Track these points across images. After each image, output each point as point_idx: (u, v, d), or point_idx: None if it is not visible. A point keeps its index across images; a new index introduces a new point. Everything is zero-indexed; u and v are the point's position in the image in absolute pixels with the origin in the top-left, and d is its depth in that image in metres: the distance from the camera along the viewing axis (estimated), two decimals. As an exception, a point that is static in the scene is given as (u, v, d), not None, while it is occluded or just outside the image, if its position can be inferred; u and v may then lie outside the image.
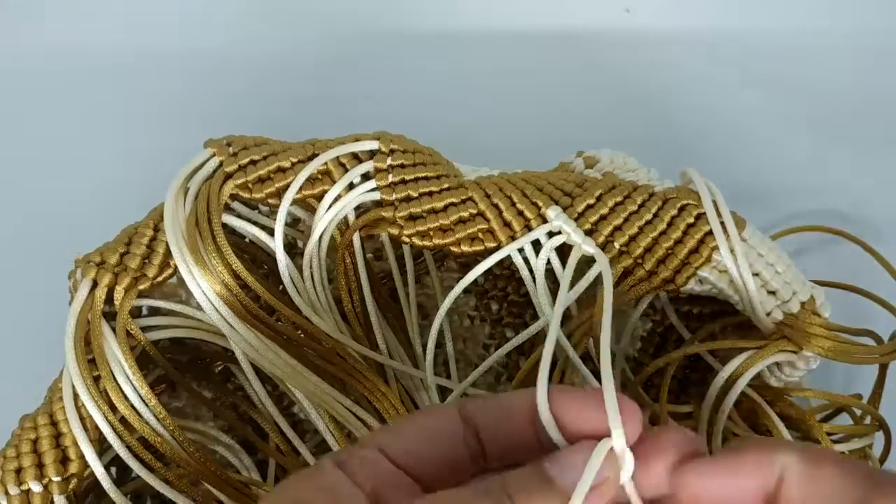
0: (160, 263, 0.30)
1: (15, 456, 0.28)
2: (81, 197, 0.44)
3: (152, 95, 0.48)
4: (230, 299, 0.30)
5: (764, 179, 0.45)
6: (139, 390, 0.29)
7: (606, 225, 0.30)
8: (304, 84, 0.48)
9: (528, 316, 0.39)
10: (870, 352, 0.31)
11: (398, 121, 0.35)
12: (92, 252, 0.31)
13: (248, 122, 0.35)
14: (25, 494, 0.28)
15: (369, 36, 0.49)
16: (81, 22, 0.49)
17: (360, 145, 0.32)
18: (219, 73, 0.48)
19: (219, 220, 0.31)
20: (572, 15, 0.49)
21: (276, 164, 0.31)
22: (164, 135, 0.43)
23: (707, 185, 0.31)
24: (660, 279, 0.30)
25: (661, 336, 0.38)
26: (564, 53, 0.48)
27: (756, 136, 0.47)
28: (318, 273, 0.32)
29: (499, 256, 0.30)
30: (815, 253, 0.42)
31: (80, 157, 0.46)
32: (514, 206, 0.31)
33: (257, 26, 0.49)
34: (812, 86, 0.48)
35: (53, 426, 0.29)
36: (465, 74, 0.48)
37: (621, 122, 0.46)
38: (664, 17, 0.49)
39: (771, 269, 0.30)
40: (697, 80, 0.48)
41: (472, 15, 0.49)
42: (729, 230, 0.30)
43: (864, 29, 0.48)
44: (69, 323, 0.29)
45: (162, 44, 0.48)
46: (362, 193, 0.31)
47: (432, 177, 0.32)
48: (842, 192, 0.45)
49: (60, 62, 0.48)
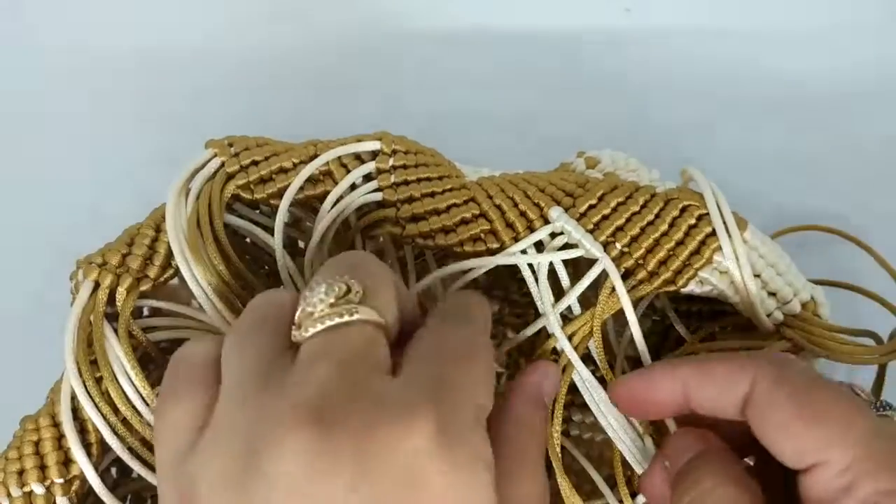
0: (162, 264, 0.30)
1: (17, 458, 0.28)
2: (83, 198, 0.44)
3: (152, 95, 0.48)
4: (231, 300, 0.30)
5: (764, 179, 0.46)
6: (141, 391, 0.29)
7: (609, 225, 0.30)
8: (306, 84, 0.48)
9: (530, 316, 0.39)
10: (870, 352, 0.31)
11: (400, 121, 0.35)
12: (94, 253, 0.31)
13: (249, 123, 0.35)
14: (28, 496, 0.28)
15: (371, 37, 0.49)
16: (82, 22, 0.49)
17: (362, 146, 0.32)
18: (219, 74, 0.48)
19: (220, 220, 0.31)
20: (572, 15, 0.49)
21: (278, 165, 0.31)
22: (165, 135, 0.43)
23: (710, 186, 0.31)
24: (661, 280, 0.30)
25: (661, 336, 0.38)
26: (565, 53, 0.48)
27: (756, 136, 0.47)
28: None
29: (504, 260, 0.30)
30: (815, 253, 0.42)
31: (81, 157, 0.46)
32: (516, 207, 0.31)
33: (258, 26, 0.49)
34: (812, 85, 0.48)
35: (56, 427, 0.29)
36: (466, 74, 0.48)
37: (622, 122, 0.46)
38: (664, 17, 0.49)
39: (772, 271, 0.30)
40: (697, 80, 0.48)
41: (472, 15, 0.49)
42: (731, 232, 0.30)
43: (864, 28, 0.49)
44: (70, 324, 0.29)
45: (162, 44, 0.48)
46: (364, 194, 0.31)
47: (434, 177, 0.32)
48: (841, 192, 0.45)
49: (60, 62, 0.48)
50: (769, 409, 0.24)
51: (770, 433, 0.24)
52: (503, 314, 0.40)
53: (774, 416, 0.23)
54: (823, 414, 0.23)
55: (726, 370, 0.25)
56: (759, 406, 0.24)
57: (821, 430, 0.23)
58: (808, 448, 0.23)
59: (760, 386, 0.24)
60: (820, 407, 0.23)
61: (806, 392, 0.23)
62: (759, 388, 0.24)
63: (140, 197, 0.32)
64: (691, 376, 0.26)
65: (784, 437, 0.23)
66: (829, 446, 0.22)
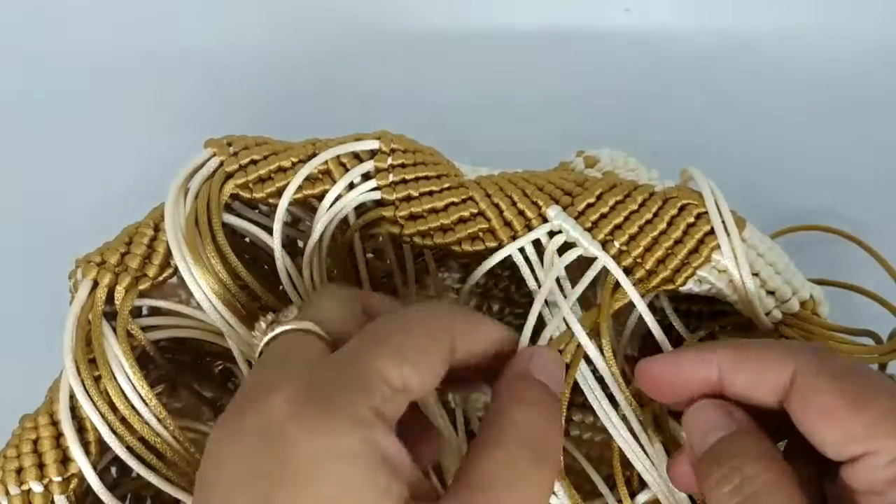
0: (160, 263, 0.30)
1: (16, 456, 0.28)
2: (82, 197, 0.45)
3: (152, 95, 0.48)
4: (229, 299, 0.30)
5: (763, 178, 0.45)
6: (139, 390, 0.29)
7: (607, 223, 0.30)
8: (305, 84, 0.48)
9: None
10: (869, 351, 0.31)
11: (399, 120, 0.35)
12: (92, 252, 0.31)
13: (248, 122, 0.35)
14: (26, 494, 0.28)
15: (369, 36, 0.49)
16: (82, 22, 0.49)
17: (360, 145, 0.32)
18: (219, 73, 0.48)
19: (219, 219, 0.31)
20: (572, 15, 0.49)
21: (277, 164, 0.31)
22: (165, 134, 0.43)
23: (708, 184, 0.31)
24: (659, 279, 0.30)
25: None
26: (564, 53, 0.48)
27: (755, 136, 0.47)
28: (317, 272, 0.32)
29: (500, 257, 0.30)
30: (814, 253, 0.42)
31: (81, 156, 0.46)
32: (514, 206, 0.31)
33: (257, 26, 0.49)
34: (811, 85, 0.48)
35: (54, 426, 0.29)
36: (465, 74, 0.48)
37: (621, 122, 0.46)
38: (664, 17, 0.49)
39: (770, 269, 0.30)
40: (697, 80, 0.48)
41: (472, 15, 0.49)
42: (730, 230, 0.30)
43: (863, 28, 0.48)
44: (68, 322, 0.29)
45: (162, 44, 0.48)
46: (363, 193, 0.31)
47: (433, 176, 0.32)
48: (841, 192, 0.45)
49: (60, 62, 0.48)
50: (814, 396, 0.23)
51: (814, 420, 0.23)
52: (503, 314, 0.40)
53: (819, 402, 0.22)
54: (871, 401, 0.22)
55: (767, 356, 0.24)
56: (803, 393, 0.23)
57: (868, 416, 0.22)
58: (855, 436, 0.22)
59: (804, 372, 0.23)
60: (867, 394, 0.22)
61: (851, 379, 0.23)
62: (803, 375, 0.23)
63: (139, 196, 0.32)
64: (728, 360, 0.25)
65: (829, 424, 0.22)
66: (877, 435, 0.21)
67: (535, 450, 0.23)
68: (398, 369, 0.22)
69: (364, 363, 0.22)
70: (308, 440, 0.20)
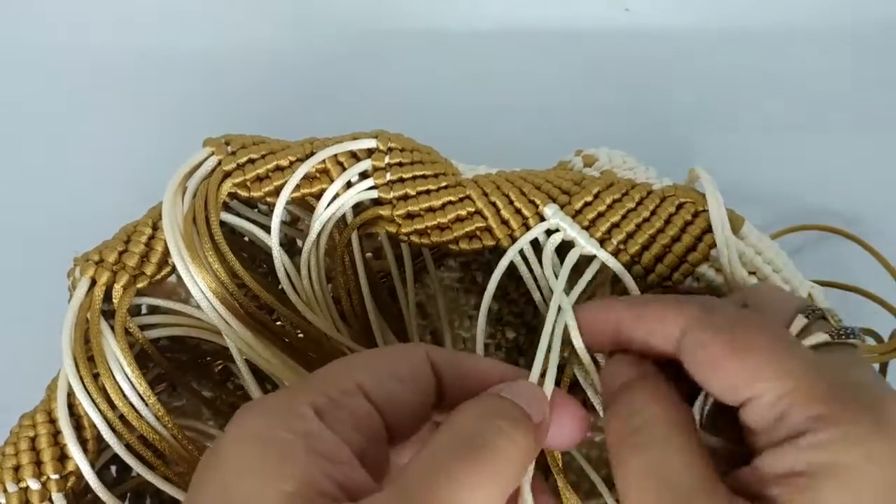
0: (158, 262, 0.31)
1: (13, 453, 0.28)
2: (80, 195, 0.45)
3: (152, 95, 0.48)
4: (227, 298, 0.30)
5: (763, 178, 0.45)
6: (138, 388, 0.29)
7: (604, 222, 0.30)
8: (303, 83, 0.48)
9: (528, 314, 0.39)
10: (870, 351, 0.31)
11: (396, 119, 0.35)
12: (91, 250, 0.31)
13: (247, 122, 0.35)
14: (24, 492, 0.28)
15: (369, 35, 0.49)
16: (81, 22, 0.49)
17: (358, 144, 0.32)
18: (219, 73, 0.48)
19: (217, 218, 0.31)
20: (572, 14, 0.49)
21: (275, 163, 0.31)
22: (164, 134, 0.43)
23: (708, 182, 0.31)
24: (656, 276, 0.30)
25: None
26: (564, 53, 0.48)
27: (755, 135, 0.47)
28: (315, 271, 0.32)
29: (504, 264, 0.30)
30: (814, 253, 0.42)
31: (80, 156, 0.46)
32: (511, 205, 0.31)
33: (257, 26, 0.49)
34: (811, 84, 0.48)
35: (52, 424, 0.29)
36: (465, 74, 0.48)
37: (620, 121, 0.46)
38: (664, 17, 0.49)
39: (768, 268, 0.30)
40: (696, 80, 0.48)
41: (472, 14, 0.49)
42: (726, 228, 0.30)
43: (862, 27, 0.48)
44: (67, 321, 0.29)
45: (162, 44, 0.48)
46: (360, 192, 0.31)
47: (430, 175, 0.32)
48: (841, 192, 0.45)
49: (60, 62, 0.48)
50: (699, 350, 0.24)
51: (703, 373, 0.24)
52: (502, 313, 0.39)
53: (704, 355, 0.24)
54: (749, 350, 0.23)
55: (657, 313, 0.25)
56: (691, 346, 0.24)
57: (748, 364, 0.23)
58: (738, 383, 0.23)
59: (690, 327, 0.24)
60: (746, 343, 0.23)
61: (730, 330, 0.23)
62: (690, 330, 0.24)
63: (138, 195, 0.32)
64: (625, 317, 0.26)
65: (715, 375, 0.23)
66: (759, 378, 0.22)
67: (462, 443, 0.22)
68: (350, 374, 0.24)
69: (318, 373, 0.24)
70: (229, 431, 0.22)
